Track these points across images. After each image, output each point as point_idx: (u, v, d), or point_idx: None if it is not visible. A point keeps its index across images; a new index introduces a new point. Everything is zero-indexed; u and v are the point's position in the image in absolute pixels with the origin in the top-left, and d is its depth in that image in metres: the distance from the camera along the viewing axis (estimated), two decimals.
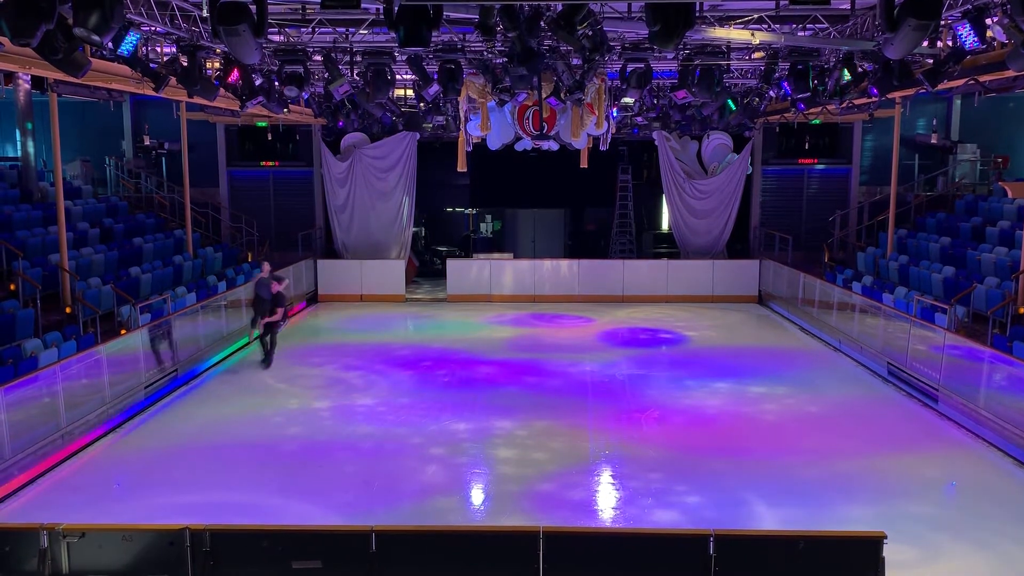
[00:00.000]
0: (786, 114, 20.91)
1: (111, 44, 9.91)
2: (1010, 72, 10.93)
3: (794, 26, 13.35)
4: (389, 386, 14.86)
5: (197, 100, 14.57)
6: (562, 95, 15.32)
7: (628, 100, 17.55)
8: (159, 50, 13.18)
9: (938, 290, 15.97)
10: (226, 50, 11.35)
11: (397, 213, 24.63)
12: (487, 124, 17.44)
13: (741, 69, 16.44)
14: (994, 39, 10.61)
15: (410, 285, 24.73)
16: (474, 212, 28.92)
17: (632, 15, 11.66)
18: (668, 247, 26.00)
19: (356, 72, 14.54)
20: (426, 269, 27.49)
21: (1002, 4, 9.39)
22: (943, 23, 10.70)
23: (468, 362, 16.61)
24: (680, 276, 23.47)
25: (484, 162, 22.80)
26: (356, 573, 6.59)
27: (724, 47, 13.52)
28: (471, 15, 10.27)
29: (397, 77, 14.83)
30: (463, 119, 18.08)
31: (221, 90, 13.36)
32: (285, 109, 16.84)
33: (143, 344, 13.80)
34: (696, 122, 22.33)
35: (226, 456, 11.44)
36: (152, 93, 12.57)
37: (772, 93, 16.89)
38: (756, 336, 19.53)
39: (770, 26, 12.88)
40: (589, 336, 19.19)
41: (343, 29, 13.40)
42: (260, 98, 14.71)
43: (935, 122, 23.48)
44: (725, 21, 12.73)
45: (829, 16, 12.88)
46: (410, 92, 19.70)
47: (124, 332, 14.12)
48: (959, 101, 23.06)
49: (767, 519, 9.34)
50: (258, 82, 14.44)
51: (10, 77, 16.97)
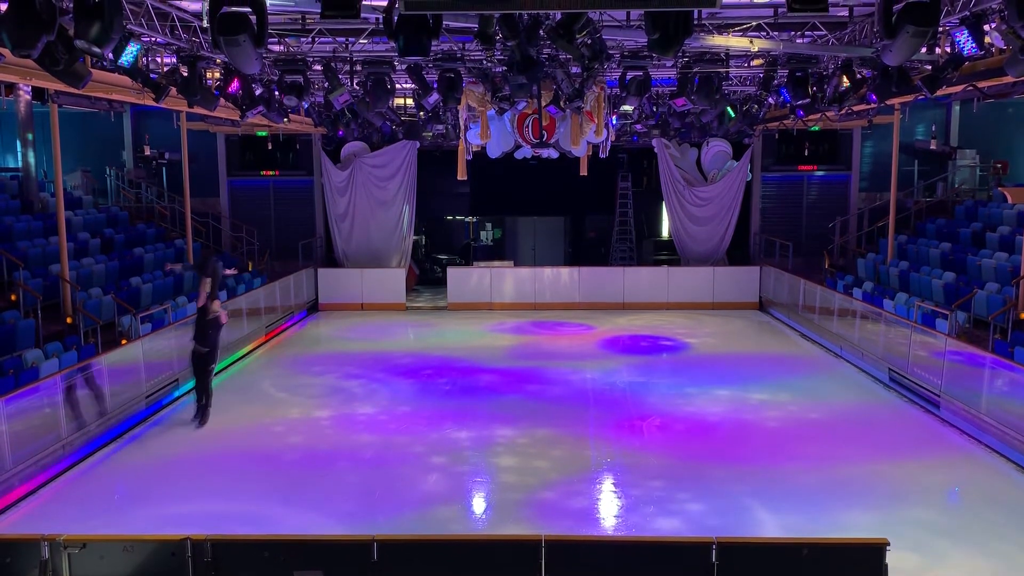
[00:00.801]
0: (785, 121, 20.94)
1: (111, 55, 9.94)
2: (1008, 78, 10.95)
3: (792, 33, 13.40)
4: (390, 395, 14.84)
5: (197, 110, 14.60)
6: (561, 103, 15.37)
7: (627, 108, 17.63)
8: (159, 60, 13.22)
9: (939, 296, 15.97)
10: (226, 60, 11.38)
11: (397, 222, 24.65)
12: (487, 132, 17.49)
13: (740, 76, 16.49)
14: (992, 45, 10.64)
15: (411, 293, 24.74)
16: (474, 220, 28.95)
17: (631, 23, 11.71)
18: (668, 254, 26.01)
19: (356, 81, 14.58)
20: (427, 277, 27.50)
21: (1000, 10, 9.42)
22: (941, 29, 10.73)
23: (469, 370, 16.60)
24: (680, 283, 23.47)
25: (484, 170, 22.83)
26: None
27: (723, 54, 13.56)
28: (470, 24, 10.30)
29: (397, 86, 14.88)
30: (463, 127, 18.12)
31: (221, 100, 13.40)
32: (285, 119, 16.88)
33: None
34: (695, 129, 22.39)
35: (227, 466, 11.43)
36: (152, 103, 12.60)
37: (771, 100, 16.92)
38: (757, 343, 19.52)
39: (768, 33, 12.93)
40: (590, 344, 19.18)
41: (343, 39, 13.45)
42: (260, 108, 14.76)
43: (934, 128, 23.51)
44: (724, 29, 12.78)
45: (827, 23, 12.93)
46: (410, 101, 19.75)
47: (125, 342, 14.11)
48: (958, 107, 23.10)
49: (769, 526, 9.32)
50: (258, 92, 14.50)
51: (11, 88, 17.01)
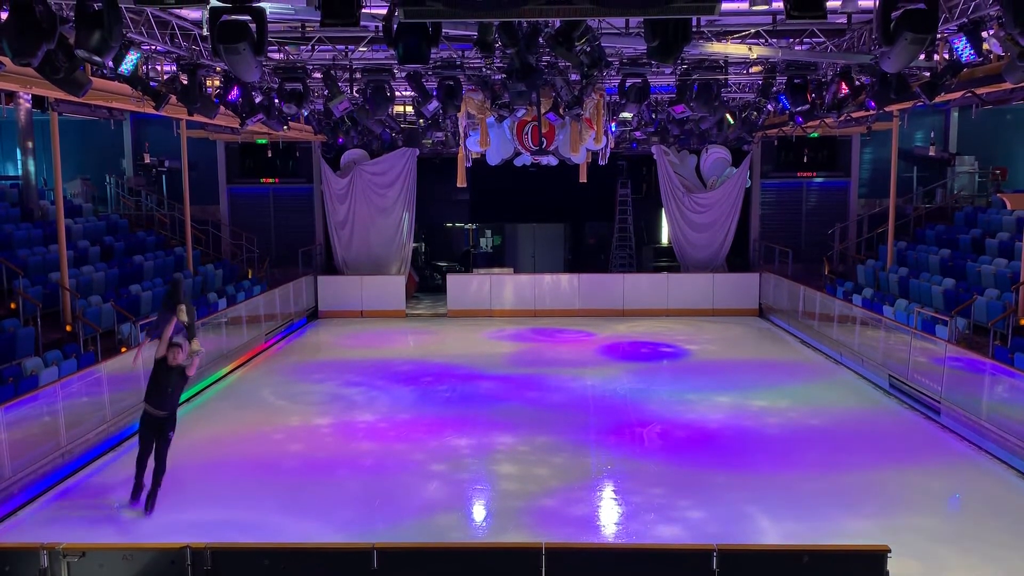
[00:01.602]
0: (784, 128, 20.97)
1: (112, 63, 9.96)
2: (1007, 84, 10.98)
3: (791, 40, 13.43)
4: (390, 402, 14.83)
5: (197, 118, 14.62)
6: (561, 110, 15.39)
7: (627, 115, 17.65)
8: (159, 68, 13.25)
9: (938, 302, 15.97)
10: (226, 68, 11.41)
11: (397, 229, 24.66)
12: (486, 140, 17.50)
13: (739, 83, 16.51)
14: (990, 52, 10.66)
15: (410, 301, 24.74)
16: (474, 227, 28.96)
17: (630, 31, 11.73)
18: (668, 261, 26.02)
19: (355, 89, 14.60)
20: (426, 284, 27.50)
21: (998, 17, 9.44)
22: (939, 36, 10.77)
23: (469, 377, 16.58)
24: (680, 290, 23.47)
25: (484, 177, 22.85)
26: None
27: (722, 62, 13.58)
28: (470, 32, 10.33)
29: (396, 94, 14.90)
30: (462, 135, 18.15)
31: (221, 108, 13.42)
32: (285, 126, 16.89)
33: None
34: (694, 136, 22.42)
35: (227, 474, 11.41)
36: (152, 111, 12.63)
37: (770, 107, 16.96)
38: (757, 349, 19.51)
39: (767, 40, 12.96)
40: (590, 350, 19.17)
41: (342, 47, 13.48)
42: (260, 115, 14.78)
43: (933, 134, 23.55)
44: (722, 36, 12.81)
45: (826, 30, 12.96)
46: (409, 108, 19.79)
47: (124, 350, 14.09)
48: (956, 113, 23.14)
49: (770, 533, 9.29)
50: (258, 99, 14.52)
51: (11, 96, 17.02)
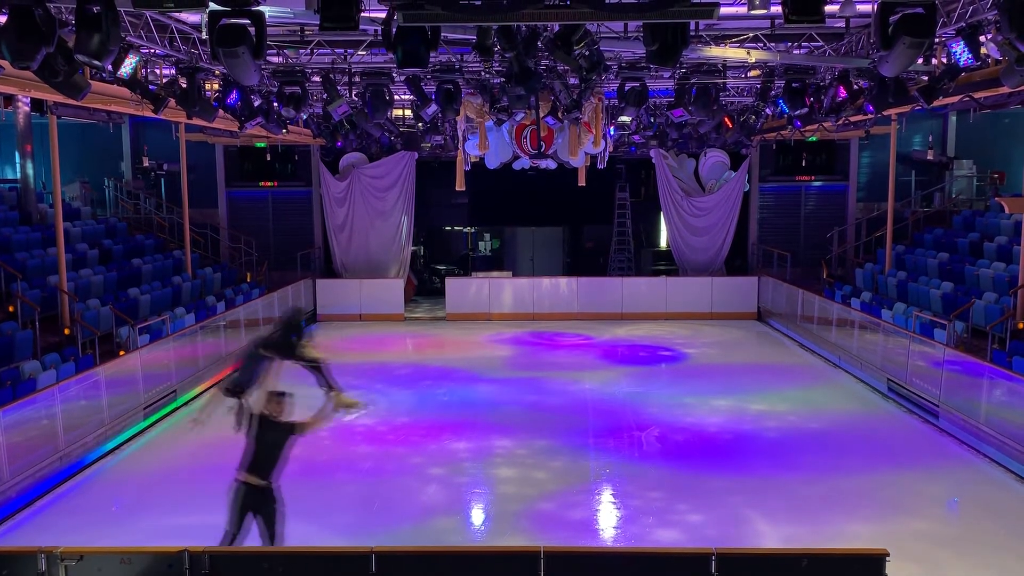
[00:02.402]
0: (783, 131, 20.99)
1: (111, 67, 9.96)
2: (1005, 88, 11.01)
3: (789, 44, 13.45)
4: (388, 405, 14.81)
5: (196, 121, 14.64)
6: (559, 114, 15.41)
7: (625, 119, 17.65)
8: (158, 72, 13.26)
9: (937, 306, 15.98)
10: (225, 72, 11.42)
11: (396, 232, 24.66)
12: (485, 143, 17.52)
13: (737, 87, 16.53)
14: (988, 56, 10.68)
15: (409, 304, 24.73)
16: (473, 231, 28.96)
17: (628, 35, 11.75)
18: (667, 264, 26.02)
19: (354, 93, 14.62)
20: (425, 288, 27.50)
21: (995, 21, 9.46)
22: (937, 41, 10.79)
23: (468, 381, 16.57)
24: (679, 293, 23.47)
25: (482, 181, 22.86)
26: None
27: (720, 65, 13.60)
28: (469, 36, 10.34)
29: (395, 97, 14.91)
30: (461, 138, 18.16)
31: (220, 111, 13.43)
32: (284, 130, 16.91)
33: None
34: (693, 140, 22.47)
35: (226, 477, 11.32)
36: (151, 115, 12.63)
37: (768, 111, 16.98)
38: (756, 353, 19.51)
39: (766, 44, 12.98)
40: (589, 354, 19.16)
41: (341, 50, 13.49)
42: (259, 119, 14.79)
43: (931, 138, 23.58)
44: (721, 40, 12.83)
45: (824, 34, 12.98)
46: (408, 112, 19.81)
47: (123, 353, 14.09)
48: (955, 117, 23.16)
49: (769, 537, 9.29)
50: (257, 103, 14.53)
51: (10, 99, 17.03)
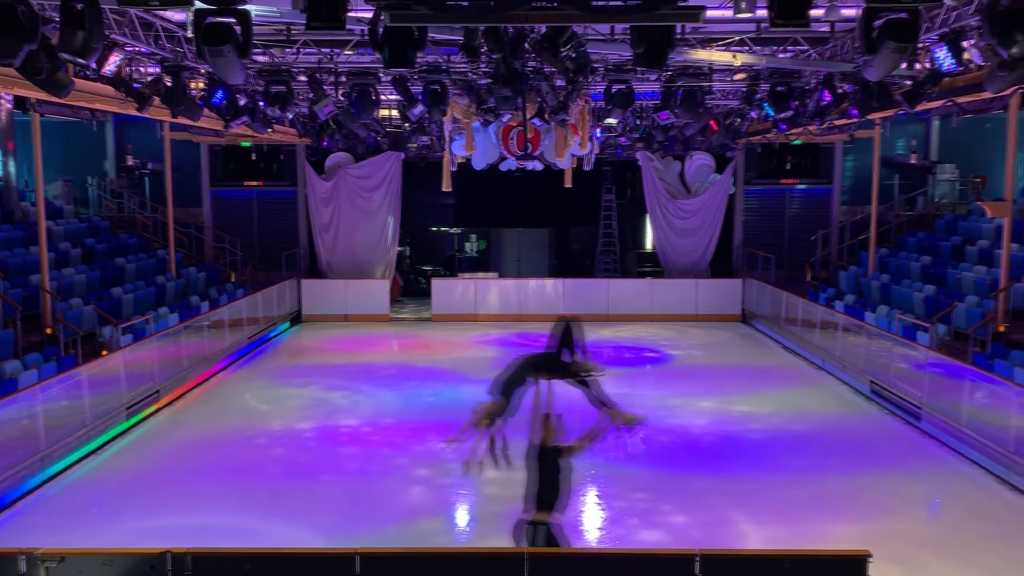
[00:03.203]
0: (767, 135, 21.11)
1: (95, 64, 9.90)
2: (987, 94, 11.09)
3: (775, 48, 13.53)
4: (374, 406, 14.78)
5: (181, 120, 14.55)
6: (546, 116, 15.43)
7: (612, 121, 17.71)
8: (143, 70, 13.18)
9: (919, 309, 16.10)
10: (210, 70, 11.36)
11: (382, 232, 24.60)
12: (472, 144, 17.51)
13: (723, 90, 16.61)
14: (971, 61, 10.79)
15: (395, 304, 24.67)
16: (459, 231, 28.94)
17: (615, 37, 11.78)
18: (652, 266, 26.10)
19: (341, 92, 14.58)
20: (411, 288, 27.44)
21: (978, 27, 9.56)
22: (921, 46, 10.88)
23: (453, 382, 16.55)
24: (664, 295, 23.54)
25: (469, 182, 22.84)
26: None
27: (706, 69, 13.66)
28: (456, 37, 10.34)
29: (382, 97, 14.89)
30: (448, 139, 18.15)
31: (205, 110, 13.36)
32: (269, 129, 16.85)
33: None
34: (679, 142, 22.55)
35: (208, 478, 11.33)
36: (135, 113, 12.55)
37: (754, 114, 17.06)
38: (740, 355, 19.60)
39: (751, 48, 13.05)
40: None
41: (328, 50, 13.45)
42: (244, 118, 14.73)
43: (914, 142, 23.76)
44: (707, 43, 12.89)
45: (809, 38, 13.06)
46: (395, 112, 19.78)
47: (105, 353, 13.99)
48: (938, 122, 23.36)
49: (752, 538, 9.33)
50: (242, 102, 14.46)
51: None
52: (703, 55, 12.34)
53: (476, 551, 8.04)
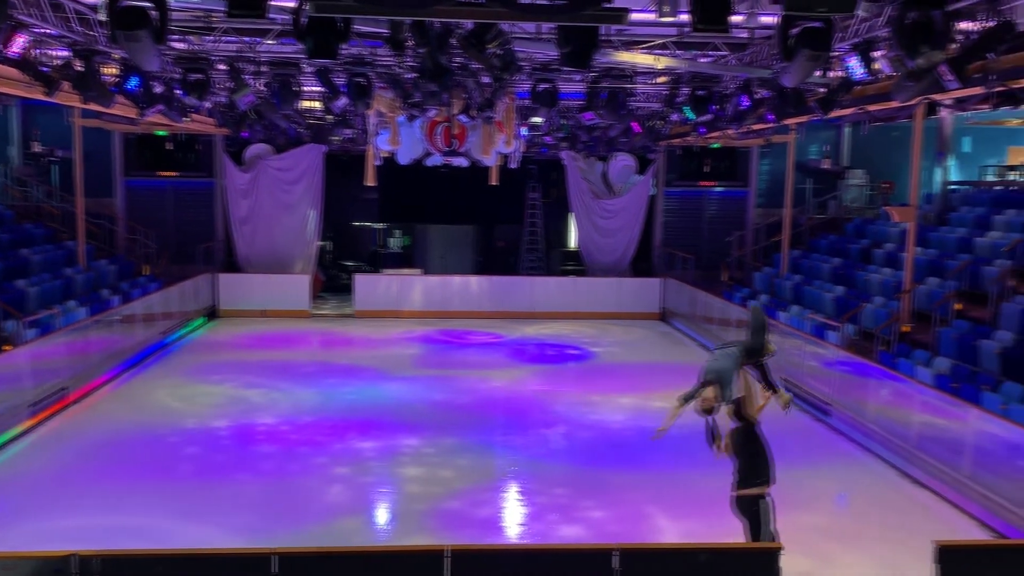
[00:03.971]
0: (688, 137, 21.55)
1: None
2: (895, 103, 11.57)
3: (696, 53, 13.81)
4: (292, 404, 14.52)
5: (92, 106, 14.00)
6: (472, 112, 15.41)
7: (537, 119, 17.80)
8: (52, 53, 12.62)
9: (829, 309, 16.67)
10: (125, 56, 10.97)
11: (302, 226, 24.18)
12: (397, 139, 17.37)
13: (646, 93, 16.87)
14: (881, 71, 11.21)
15: (315, 300, 24.28)
16: (383, 227, 28.67)
17: (541, 36, 11.84)
18: (575, 264, 26.37)
19: (262, 82, 14.25)
20: (333, 284, 27.04)
21: (887, 39, 9.95)
22: (834, 54, 11.25)
23: (375, 379, 16.40)
24: (587, 293, 23.83)
25: (393, 177, 22.65)
26: None
27: (630, 71, 13.86)
28: (381, 29, 10.23)
29: (304, 89, 14.61)
30: (372, 133, 17.95)
31: (118, 97, 12.89)
32: (186, 118, 16.35)
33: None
34: (602, 143, 22.83)
35: (118, 478, 10.94)
36: (43, 98, 12.02)
37: (675, 117, 17.37)
38: (659, 352, 19.97)
39: (673, 52, 13.29)
40: (498, 352, 19.24)
41: (249, 38, 13.13)
42: (160, 106, 14.26)
43: (827, 148, 24.62)
44: (631, 46, 13.07)
45: (729, 44, 13.38)
46: (317, 104, 19.45)
47: (8, 348, 13.36)
48: (849, 129, 24.24)
49: (669, 532, 9.53)
50: (158, 89, 13.99)
51: None
52: (627, 57, 12.51)
53: (396, 549, 7.98)
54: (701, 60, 13.95)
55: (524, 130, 20.15)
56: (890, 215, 18.25)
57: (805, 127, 20.60)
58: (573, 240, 26.93)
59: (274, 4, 7.65)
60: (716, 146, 23.77)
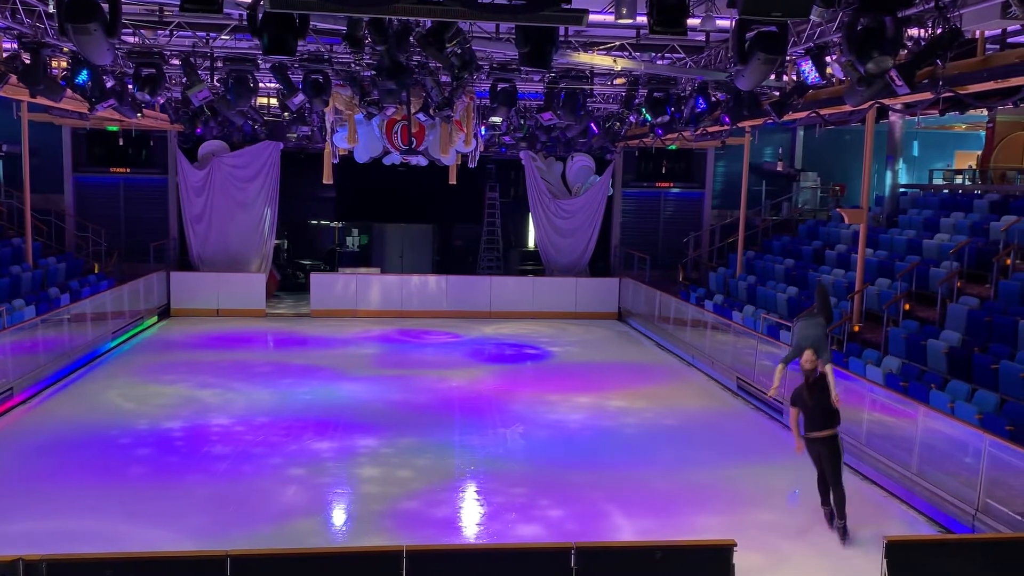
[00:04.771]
0: (645, 139, 21.74)
1: None
2: (847, 107, 11.80)
3: (654, 55, 13.95)
4: (247, 405, 14.33)
5: (41, 100, 13.66)
6: (431, 111, 15.37)
7: (496, 119, 17.81)
8: None
9: (783, 309, 16.94)
10: (75, 49, 10.72)
11: (258, 224, 23.87)
12: (354, 137, 17.25)
13: (604, 94, 16.99)
14: (833, 76, 11.43)
15: (271, 299, 24.01)
16: (340, 225, 28.44)
17: (500, 36, 11.86)
18: (534, 264, 26.45)
19: (217, 78, 14.05)
20: (289, 283, 26.77)
21: (840, 44, 10.15)
22: (788, 59, 11.46)
23: (332, 379, 16.26)
24: (545, 293, 23.92)
25: (351, 175, 22.49)
26: None
27: (588, 72, 13.94)
28: (339, 26, 10.15)
29: (260, 85, 14.43)
30: (329, 130, 17.81)
31: (68, 91, 12.60)
32: (139, 114, 16.03)
33: None
34: (561, 144, 22.95)
35: (66, 480, 10.70)
36: None
37: (632, 118, 17.52)
38: (616, 352, 20.11)
39: (631, 54, 13.40)
40: (456, 352, 19.20)
41: (203, 33, 12.94)
42: (111, 101, 13.94)
43: (781, 151, 25.03)
44: (589, 47, 13.16)
45: (686, 47, 13.54)
46: (274, 101, 19.23)
47: None
48: (802, 132, 24.69)
49: (626, 530, 9.60)
50: (109, 84, 13.71)
51: None
52: (585, 58, 12.59)
53: (353, 550, 7.93)
54: (658, 62, 14.09)
55: (483, 130, 20.16)
56: (842, 217, 18.63)
57: (760, 130, 20.92)
58: (532, 240, 27.01)
59: None
60: (673, 148, 24.01)
